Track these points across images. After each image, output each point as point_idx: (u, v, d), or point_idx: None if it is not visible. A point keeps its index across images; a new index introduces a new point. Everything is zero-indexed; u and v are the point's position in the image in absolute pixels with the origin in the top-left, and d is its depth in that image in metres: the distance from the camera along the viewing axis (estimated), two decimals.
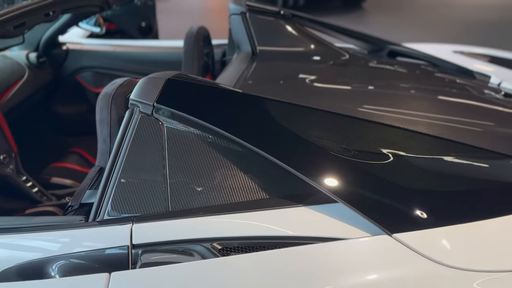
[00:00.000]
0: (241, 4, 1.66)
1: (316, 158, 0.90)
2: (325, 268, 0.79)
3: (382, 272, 0.77)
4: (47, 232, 0.91)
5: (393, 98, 1.35)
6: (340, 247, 0.82)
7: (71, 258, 0.88)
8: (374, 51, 1.80)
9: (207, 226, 0.86)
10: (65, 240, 0.90)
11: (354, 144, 0.95)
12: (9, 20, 1.33)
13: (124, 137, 0.94)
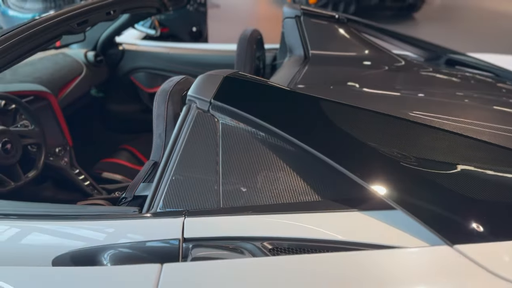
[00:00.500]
0: (296, 8, 1.65)
1: (374, 162, 0.87)
2: (379, 276, 0.75)
3: (441, 284, 0.72)
4: (102, 221, 0.93)
5: (452, 106, 1.30)
6: (395, 255, 0.78)
7: (123, 247, 0.89)
8: (432, 58, 1.74)
9: (259, 225, 0.85)
10: (118, 230, 0.92)
11: (414, 150, 0.91)
12: (74, 17, 1.39)
13: (180, 132, 0.95)
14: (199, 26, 4.33)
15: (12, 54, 1.18)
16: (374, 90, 1.43)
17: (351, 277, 0.75)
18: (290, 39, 1.67)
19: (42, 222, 0.96)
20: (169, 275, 0.79)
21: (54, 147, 1.78)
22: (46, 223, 0.95)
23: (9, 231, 0.98)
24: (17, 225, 0.97)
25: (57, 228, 0.95)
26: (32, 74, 1.91)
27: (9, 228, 0.98)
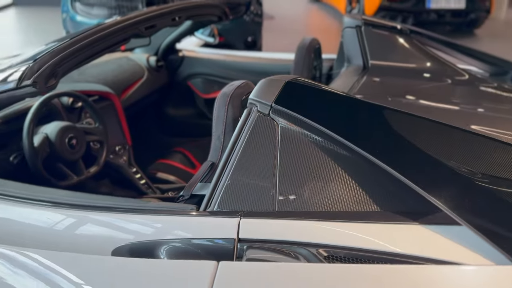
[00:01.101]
0: (357, 18, 1.65)
1: (438, 174, 0.84)
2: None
3: None
4: (161, 216, 0.95)
5: None
6: (458, 272, 0.75)
7: (179, 243, 0.91)
8: (498, 74, 1.67)
9: (315, 232, 0.85)
10: (176, 225, 0.94)
11: (482, 165, 0.87)
12: (142, 22, 1.46)
13: (240, 135, 0.96)
14: (254, 36, 4.41)
15: (85, 54, 1.25)
16: (434, 103, 1.39)
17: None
18: (349, 48, 1.66)
19: (105, 214, 1.00)
20: (225, 273, 0.80)
21: (114, 145, 1.86)
22: (108, 215, 1.00)
23: (72, 221, 1.03)
24: (80, 215, 1.02)
25: (118, 221, 0.99)
26: (98, 76, 2.01)
27: (72, 218, 1.03)
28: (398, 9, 5.73)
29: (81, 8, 4.03)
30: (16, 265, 0.97)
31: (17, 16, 7.45)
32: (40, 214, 1.05)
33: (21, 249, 0.97)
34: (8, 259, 0.98)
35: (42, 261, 0.94)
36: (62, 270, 0.92)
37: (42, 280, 0.93)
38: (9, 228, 1.06)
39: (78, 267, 0.90)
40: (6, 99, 1.17)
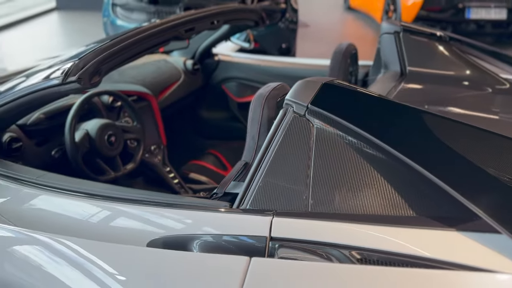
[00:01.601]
0: (395, 24, 1.63)
1: (479, 182, 0.83)
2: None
3: None
4: (195, 212, 0.97)
5: None
6: (495, 280, 0.73)
7: (212, 238, 0.93)
8: None
9: (348, 234, 0.84)
10: (209, 221, 0.96)
11: None
12: (182, 24, 1.50)
13: (275, 135, 0.97)
14: (288, 43, 4.42)
15: (128, 53, 1.30)
16: (473, 112, 1.36)
17: None
18: (387, 54, 1.64)
19: (140, 207, 1.03)
20: (257, 269, 0.81)
21: (150, 145, 1.91)
22: (143, 209, 1.02)
23: (109, 212, 1.06)
24: (117, 207, 1.05)
25: (153, 215, 1.02)
26: (137, 77, 2.07)
27: (109, 210, 1.06)
28: (437, 19, 5.61)
29: (121, 12, 4.16)
30: (54, 252, 1.01)
31: (60, 20, 7.76)
32: (78, 205, 1.09)
33: (59, 237, 1.01)
34: (47, 246, 1.03)
35: (79, 249, 0.98)
36: (97, 260, 0.95)
37: (78, 268, 0.96)
38: (48, 217, 1.10)
39: (114, 257, 0.93)
40: (51, 94, 1.23)
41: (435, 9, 5.58)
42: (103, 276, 0.93)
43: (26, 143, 1.49)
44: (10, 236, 1.09)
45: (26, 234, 1.06)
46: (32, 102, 1.27)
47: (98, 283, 0.93)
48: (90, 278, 0.94)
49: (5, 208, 1.17)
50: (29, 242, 1.06)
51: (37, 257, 1.02)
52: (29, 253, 1.04)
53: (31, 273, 1.03)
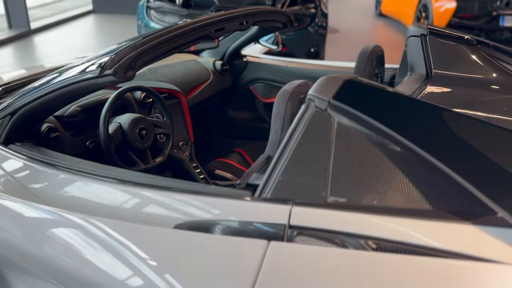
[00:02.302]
0: (422, 27, 1.64)
1: (498, 179, 0.84)
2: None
3: None
4: (219, 199, 1.02)
5: None
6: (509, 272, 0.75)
7: (233, 224, 0.97)
8: None
9: (365, 224, 0.87)
10: (232, 208, 1.00)
11: None
12: (213, 24, 1.56)
13: (296, 128, 1.01)
14: (317, 47, 4.46)
15: (161, 50, 1.36)
16: (498, 115, 1.36)
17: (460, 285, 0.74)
18: (413, 57, 1.65)
19: (169, 193, 1.08)
20: (275, 252, 0.85)
21: (178, 141, 1.98)
22: (170, 195, 1.08)
23: (138, 198, 1.12)
24: (146, 193, 1.11)
25: (179, 201, 1.07)
26: (168, 75, 2.15)
27: (138, 195, 1.12)
28: (470, 26, 5.53)
29: (155, 15, 4.29)
30: (87, 233, 1.08)
31: (96, 22, 8.03)
32: (111, 190, 1.16)
33: (93, 218, 1.08)
34: (79, 227, 1.10)
35: (108, 230, 1.04)
36: (125, 239, 1.01)
37: (107, 248, 1.03)
38: (83, 201, 1.18)
39: (143, 237, 0.99)
40: (87, 87, 1.30)
41: (469, 16, 5.49)
42: (129, 254, 0.99)
43: (62, 134, 1.59)
44: (48, 217, 1.17)
45: (62, 215, 1.14)
46: (69, 94, 1.35)
47: (124, 260, 0.99)
48: (117, 257, 1.01)
49: (42, 191, 1.25)
50: (64, 223, 1.14)
51: (72, 237, 1.10)
52: (64, 233, 1.12)
53: (66, 253, 1.11)
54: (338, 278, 0.82)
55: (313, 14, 4.39)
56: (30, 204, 1.21)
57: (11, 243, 1.23)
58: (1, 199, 1.27)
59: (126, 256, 1.00)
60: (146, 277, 0.97)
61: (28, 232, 1.20)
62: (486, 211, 0.81)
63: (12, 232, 1.23)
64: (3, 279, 1.41)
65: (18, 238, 1.22)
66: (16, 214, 1.23)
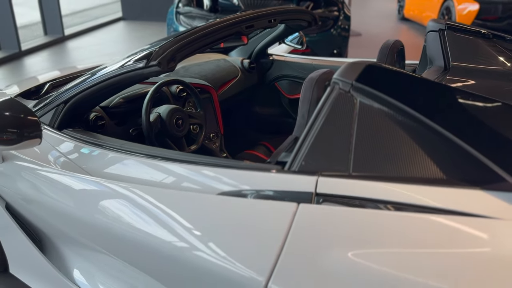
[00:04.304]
0: (440, 22, 1.74)
1: (507, 150, 0.94)
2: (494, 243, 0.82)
3: None
4: (253, 172, 1.15)
5: None
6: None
7: (265, 192, 1.09)
8: None
9: (385, 191, 0.97)
10: (263, 180, 1.12)
11: None
12: (244, 21, 1.70)
13: (322, 108, 1.12)
14: (340, 49, 4.56)
15: (198, 44, 1.51)
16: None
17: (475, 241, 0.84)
18: (432, 51, 1.75)
19: (208, 168, 1.22)
20: (304, 212, 0.97)
21: (209, 132, 2.12)
22: (210, 169, 1.21)
23: (179, 172, 1.26)
24: (188, 169, 1.25)
25: (217, 174, 1.20)
26: (200, 73, 2.30)
27: (180, 170, 1.26)
28: (493, 28, 5.54)
29: (184, 20, 4.48)
30: (133, 199, 1.22)
31: (125, 28, 8.34)
32: (156, 166, 1.30)
33: (139, 186, 1.23)
34: (127, 195, 1.24)
35: (154, 197, 1.19)
36: (171, 205, 1.15)
37: (148, 213, 1.17)
38: (132, 176, 1.32)
39: (183, 203, 1.13)
40: (134, 77, 1.45)
41: (492, 18, 5.50)
42: (175, 217, 1.13)
43: (108, 122, 1.75)
44: (98, 188, 1.32)
45: (111, 186, 1.29)
46: (117, 84, 1.50)
47: (169, 223, 1.13)
48: (163, 220, 1.15)
49: (93, 168, 1.41)
50: (113, 192, 1.28)
51: (121, 203, 1.25)
52: (113, 201, 1.27)
53: (116, 218, 1.25)
54: (359, 234, 0.93)
55: (336, 17, 4.50)
56: (82, 178, 1.37)
57: (66, 214, 1.38)
58: (58, 175, 1.43)
59: (171, 219, 1.14)
60: (191, 238, 1.10)
61: (81, 201, 1.36)
62: (496, 178, 0.91)
63: (67, 203, 1.39)
64: (57, 251, 1.57)
65: (72, 208, 1.37)
66: (70, 188, 1.39)
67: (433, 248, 0.86)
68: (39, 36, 7.11)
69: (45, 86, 2.07)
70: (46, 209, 1.47)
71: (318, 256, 0.93)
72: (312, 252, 0.94)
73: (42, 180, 1.47)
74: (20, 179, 1.54)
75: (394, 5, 10.35)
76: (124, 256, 1.31)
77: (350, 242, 0.92)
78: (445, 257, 0.85)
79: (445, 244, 0.86)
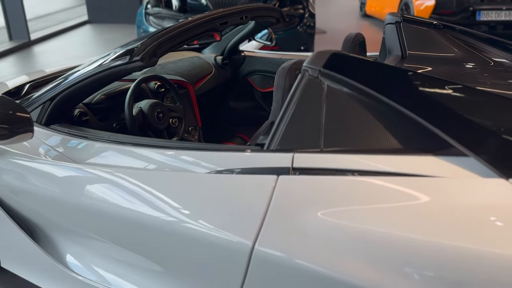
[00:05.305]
0: (397, 15, 1.92)
1: (456, 120, 1.09)
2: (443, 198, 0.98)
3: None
4: (235, 153, 1.27)
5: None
6: (463, 183, 1.00)
7: (247, 170, 1.22)
8: None
9: (351, 162, 1.11)
10: (245, 159, 1.24)
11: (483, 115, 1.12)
12: (218, 18, 1.82)
13: (294, 93, 1.26)
14: (307, 46, 4.74)
15: (177, 40, 1.62)
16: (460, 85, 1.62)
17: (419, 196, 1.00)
18: (390, 42, 1.92)
19: (191, 152, 1.33)
20: (283, 182, 1.11)
21: (188, 126, 2.23)
22: (194, 153, 1.33)
23: (165, 157, 1.37)
24: (173, 152, 1.36)
25: (201, 156, 1.32)
26: (176, 69, 2.41)
27: (166, 155, 1.37)
28: (448, 21, 5.86)
29: (153, 20, 4.55)
30: (112, 183, 1.33)
31: (92, 32, 8.28)
32: (142, 152, 1.41)
33: (117, 170, 1.33)
34: (105, 179, 1.35)
35: (134, 180, 1.29)
36: (150, 187, 1.26)
37: (134, 194, 1.28)
38: (119, 162, 1.42)
39: (173, 181, 1.24)
40: (118, 72, 1.55)
41: (447, 12, 5.82)
42: (161, 196, 1.24)
43: (91, 118, 1.84)
44: (86, 175, 1.42)
45: (97, 172, 1.38)
46: (102, 80, 1.60)
47: (156, 200, 1.24)
48: (151, 197, 1.26)
49: (82, 158, 1.50)
50: (101, 178, 1.38)
51: (111, 184, 1.35)
52: (102, 186, 1.37)
53: (104, 200, 1.35)
54: (330, 197, 1.07)
55: (301, 14, 4.68)
56: (69, 166, 1.46)
57: (56, 202, 1.47)
58: (46, 165, 1.51)
59: (158, 198, 1.25)
60: (180, 212, 1.22)
61: (69, 188, 1.45)
62: (445, 145, 1.06)
63: (56, 191, 1.47)
64: (49, 240, 1.65)
65: (60, 195, 1.46)
66: (58, 176, 1.48)
67: (391, 203, 1.01)
68: (4, 41, 6.99)
69: (25, 87, 2.13)
70: (36, 199, 1.55)
71: (297, 217, 1.07)
72: (291, 215, 1.08)
73: (32, 172, 1.55)
74: (9, 172, 1.62)
75: (356, 2, 10.67)
76: (114, 236, 1.41)
77: (323, 204, 1.06)
78: (401, 209, 1.00)
79: (401, 199, 1.01)
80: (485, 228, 0.93)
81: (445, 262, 0.93)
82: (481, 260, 0.90)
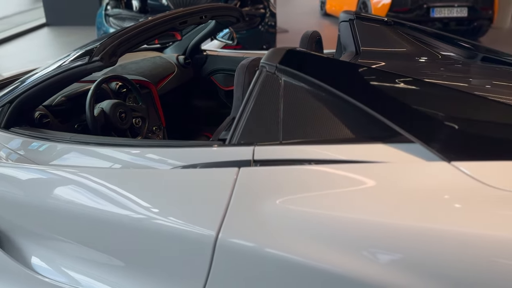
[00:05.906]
0: (350, 13, 2.01)
1: (403, 110, 1.17)
2: (392, 182, 1.06)
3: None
4: (198, 148, 1.31)
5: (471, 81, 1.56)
6: (409, 167, 1.07)
7: (208, 165, 1.26)
8: (471, 57, 2.00)
9: (308, 152, 1.17)
10: (207, 153, 1.28)
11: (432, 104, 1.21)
12: (177, 18, 1.85)
13: (253, 89, 1.31)
14: (269, 45, 4.82)
15: (136, 40, 1.64)
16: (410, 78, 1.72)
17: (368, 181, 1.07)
18: (344, 39, 2.01)
19: (153, 149, 1.36)
20: (244, 173, 1.15)
21: (152, 125, 2.25)
22: (156, 150, 1.36)
23: (128, 155, 1.39)
24: (136, 151, 1.38)
25: (163, 153, 1.35)
26: (137, 70, 2.42)
27: (129, 153, 1.39)
28: (404, 19, 6.09)
29: (114, 22, 4.51)
30: (76, 183, 1.34)
31: (50, 34, 8.06)
32: (104, 152, 1.42)
33: (80, 170, 1.34)
34: (68, 180, 1.36)
35: (97, 179, 1.31)
36: (113, 185, 1.28)
37: (97, 193, 1.29)
38: (82, 163, 1.43)
39: (137, 178, 1.27)
40: (78, 73, 1.55)
41: (403, 10, 6.05)
42: (124, 192, 1.26)
43: (52, 120, 1.82)
44: (50, 176, 1.42)
45: (60, 173, 1.39)
46: (62, 81, 1.59)
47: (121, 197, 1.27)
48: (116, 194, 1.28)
49: (44, 161, 1.50)
50: (64, 179, 1.38)
51: (74, 188, 1.36)
52: (66, 186, 1.37)
53: (69, 201, 1.36)
54: (288, 186, 1.13)
55: (262, 14, 4.75)
56: (33, 168, 1.45)
57: (19, 205, 1.46)
58: (7, 168, 1.50)
59: (122, 195, 1.27)
60: (145, 208, 1.25)
61: (31, 190, 1.44)
62: (393, 134, 1.14)
63: (18, 194, 1.47)
64: (13, 245, 1.63)
65: (23, 197, 1.45)
66: (20, 179, 1.47)
67: (345, 188, 1.08)
68: None
69: None
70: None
71: (258, 206, 1.12)
72: (253, 204, 1.13)
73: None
74: None
75: (317, 2, 10.87)
76: (81, 236, 1.42)
77: (282, 192, 1.12)
78: (354, 194, 1.07)
79: (354, 184, 1.08)
80: (431, 207, 1.01)
81: (397, 241, 1.00)
82: (429, 237, 0.98)
